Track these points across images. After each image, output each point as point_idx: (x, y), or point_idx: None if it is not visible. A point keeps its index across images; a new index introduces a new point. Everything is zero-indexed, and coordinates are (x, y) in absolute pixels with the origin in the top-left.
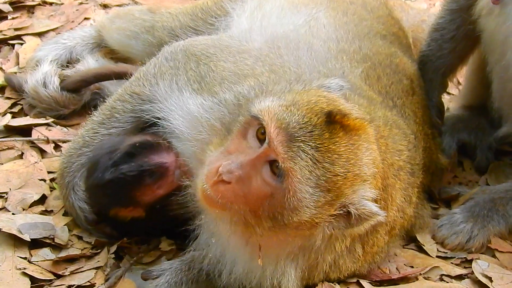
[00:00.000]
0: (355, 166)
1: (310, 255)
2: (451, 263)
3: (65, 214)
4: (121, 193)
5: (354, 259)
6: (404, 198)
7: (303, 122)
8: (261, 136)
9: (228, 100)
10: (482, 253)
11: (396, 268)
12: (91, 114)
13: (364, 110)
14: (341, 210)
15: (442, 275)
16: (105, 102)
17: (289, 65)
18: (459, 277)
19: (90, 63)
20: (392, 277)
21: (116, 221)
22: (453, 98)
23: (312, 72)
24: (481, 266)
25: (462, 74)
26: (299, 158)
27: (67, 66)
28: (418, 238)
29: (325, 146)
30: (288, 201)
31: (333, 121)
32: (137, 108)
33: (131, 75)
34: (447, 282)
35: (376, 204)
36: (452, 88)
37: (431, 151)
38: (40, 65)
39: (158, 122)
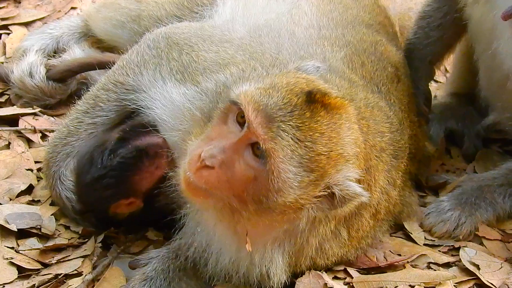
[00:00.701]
0: (337, 145)
1: (296, 240)
2: (439, 251)
3: (52, 204)
4: (122, 180)
5: (340, 243)
6: (388, 181)
7: (283, 103)
8: (241, 120)
9: (210, 88)
10: (469, 241)
11: (384, 256)
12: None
13: (345, 91)
14: (325, 191)
15: (429, 263)
16: (89, 91)
17: (270, 52)
18: (447, 265)
19: (77, 53)
20: (380, 265)
21: (110, 218)
22: (440, 86)
23: (293, 57)
24: (469, 254)
25: (450, 62)
26: (279, 138)
27: (54, 56)
28: (406, 226)
29: (307, 125)
30: (272, 183)
31: (314, 100)
32: (122, 97)
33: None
34: (435, 270)
35: (360, 185)
36: (439, 76)
37: (417, 139)
38: (26, 55)
39: (142, 110)
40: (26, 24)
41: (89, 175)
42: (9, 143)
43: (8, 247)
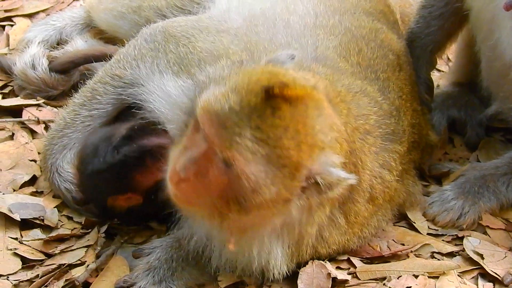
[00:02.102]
0: (307, 136)
1: (293, 230)
2: (442, 240)
3: (55, 195)
4: (122, 177)
5: (340, 231)
6: (379, 163)
7: (240, 106)
8: None
9: (201, 81)
10: (473, 230)
11: (387, 246)
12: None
13: (325, 78)
14: (308, 181)
15: (433, 252)
16: (86, 84)
17: (264, 43)
18: (450, 254)
19: (79, 44)
20: (383, 254)
21: (109, 210)
22: (443, 75)
23: (285, 48)
24: (472, 243)
25: (452, 51)
26: (235, 144)
27: (57, 47)
28: (409, 215)
29: (268, 123)
30: (245, 185)
31: (273, 95)
32: (119, 91)
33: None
34: (438, 260)
35: (342, 169)
36: (442, 65)
37: (420, 127)
38: (29, 46)
39: (141, 104)
40: (30, 16)
41: (90, 166)
42: (13, 134)
43: (11, 237)
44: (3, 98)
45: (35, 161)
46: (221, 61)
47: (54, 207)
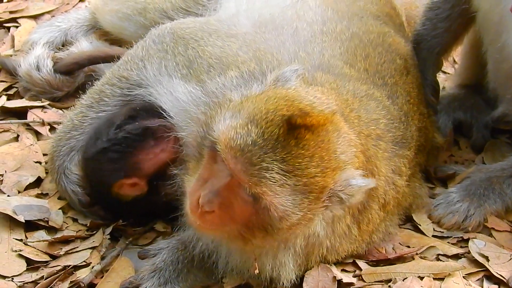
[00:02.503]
0: (331, 161)
1: (307, 241)
2: (448, 242)
3: (60, 197)
4: (125, 157)
5: (351, 239)
6: (392, 169)
7: (263, 139)
8: None
9: (212, 91)
10: (479, 232)
11: (392, 248)
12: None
13: (329, 86)
14: (332, 198)
15: (438, 254)
16: (94, 85)
17: (272, 51)
18: (456, 257)
19: (84, 46)
20: (389, 257)
21: (115, 202)
22: (449, 77)
23: (293, 58)
24: (478, 245)
25: (458, 53)
26: (264, 180)
27: (62, 49)
28: (414, 218)
29: (293, 154)
30: (272, 214)
31: (296, 125)
32: (126, 92)
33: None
34: (444, 262)
35: (361, 177)
36: (448, 67)
37: (427, 130)
38: (34, 48)
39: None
40: (35, 17)
41: (94, 148)
42: (18, 135)
43: (16, 239)
44: (8, 99)
45: (40, 162)
46: (230, 71)
47: (59, 209)
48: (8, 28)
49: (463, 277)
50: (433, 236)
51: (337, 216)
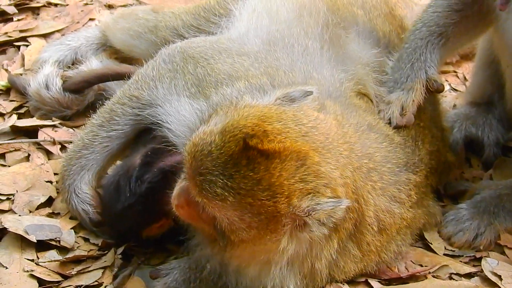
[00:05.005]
0: (283, 187)
1: (304, 263)
2: (460, 261)
3: (72, 217)
4: (153, 205)
5: (355, 259)
6: (387, 198)
7: (220, 152)
8: None
9: (215, 102)
10: (491, 250)
11: (405, 267)
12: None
13: (334, 117)
14: (296, 222)
15: (451, 273)
16: (104, 104)
17: (284, 69)
18: (469, 275)
19: (94, 64)
20: (401, 276)
21: (143, 241)
22: (460, 95)
23: (306, 78)
24: (491, 264)
25: (469, 71)
26: (205, 192)
27: (72, 67)
28: (426, 236)
29: (241, 174)
30: (219, 224)
31: (250, 147)
32: (137, 112)
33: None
34: (457, 281)
35: (330, 201)
36: (458, 85)
37: (439, 153)
38: (43, 66)
39: (157, 126)
40: (45, 36)
41: (119, 204)
42: (29, 155)
43: (28, 259)
44: (18, 118)
45: (51, 182)
46: (239, 82)
47: (71, 229)
48: (18, 47)
49: None
50: (445, 254)
51: (318, 239)
